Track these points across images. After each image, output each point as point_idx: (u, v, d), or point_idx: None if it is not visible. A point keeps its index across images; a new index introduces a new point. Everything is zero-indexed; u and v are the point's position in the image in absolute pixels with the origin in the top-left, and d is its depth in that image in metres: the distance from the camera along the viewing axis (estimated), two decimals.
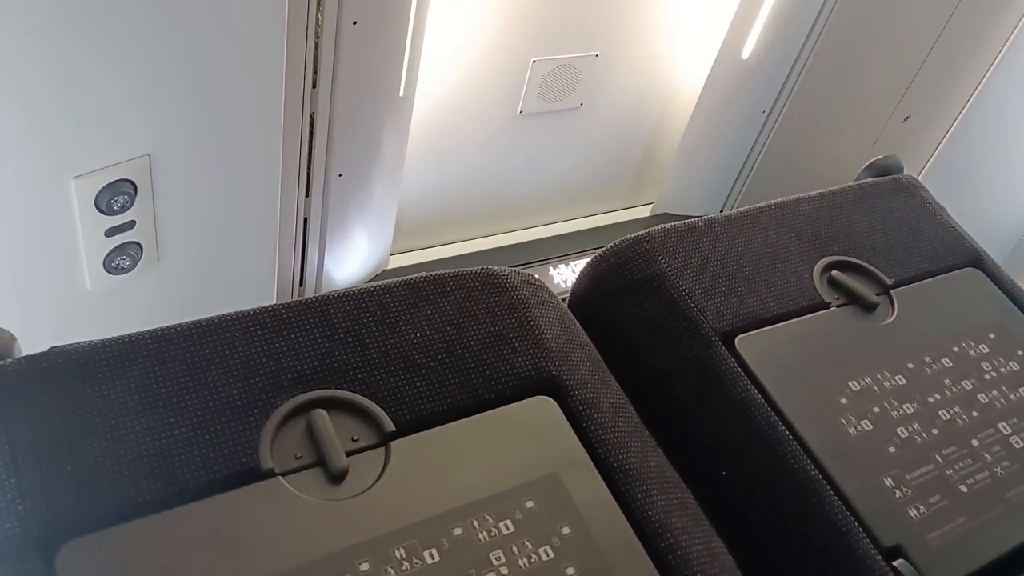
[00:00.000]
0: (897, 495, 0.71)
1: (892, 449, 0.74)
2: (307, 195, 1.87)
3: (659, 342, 0.79)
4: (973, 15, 2.43)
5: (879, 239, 0.93)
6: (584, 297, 0.86)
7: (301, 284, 2.06)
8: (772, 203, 0.92)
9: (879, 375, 0.79)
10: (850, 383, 0.78)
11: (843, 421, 0.75)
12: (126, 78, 1.24)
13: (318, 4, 1.56)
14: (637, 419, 0.73)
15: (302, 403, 0.62)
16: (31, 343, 0.63)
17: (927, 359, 0.83)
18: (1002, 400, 0.82)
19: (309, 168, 1.81)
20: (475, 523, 0.59)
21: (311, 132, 1.75)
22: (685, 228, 0.85)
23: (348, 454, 0.61)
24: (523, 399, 0.68)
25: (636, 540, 0.62)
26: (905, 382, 0.80)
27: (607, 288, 0.84)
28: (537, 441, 0.65)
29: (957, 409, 0.80)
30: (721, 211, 2.54)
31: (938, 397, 0.80)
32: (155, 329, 0.63)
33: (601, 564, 0.59)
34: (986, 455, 0.77)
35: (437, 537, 0.58)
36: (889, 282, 0.88)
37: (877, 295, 0.87)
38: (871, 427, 0.75)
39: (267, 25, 1.38)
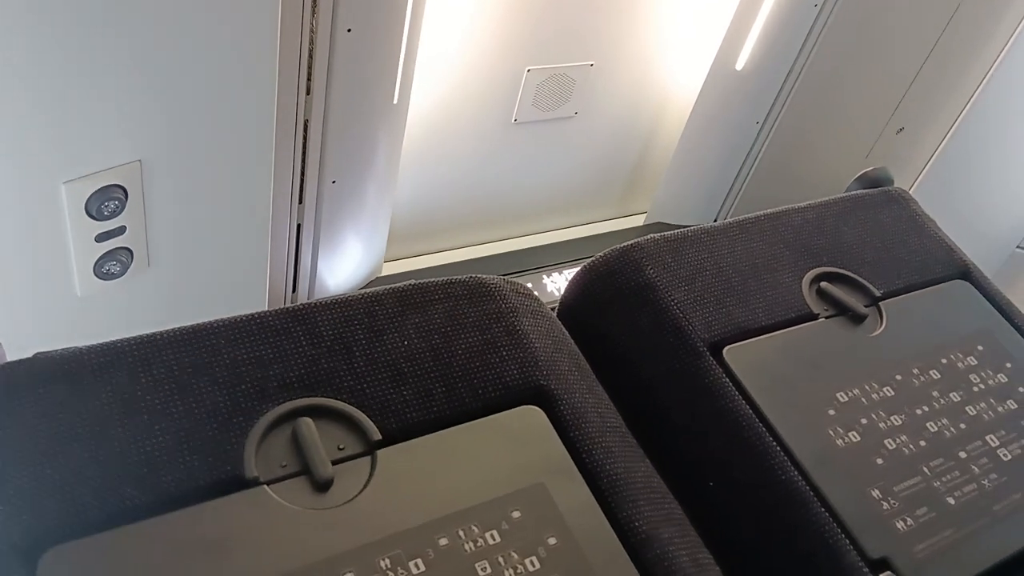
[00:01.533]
0: (884, 507, 0.71)
1: (880, 461, 0.74)
2: (300, 202, 1.87)
3: (647, 352, 0.79)
4: (967, 28, 2.45)
5: (868, 251, 0.93)
6: (573, 306, 0.86)
7: (294, 291, 2.06)
8: (762, 214, 0.92)
9: (867, 386, 0.79)
10: (838, 394, 0.78)
11: (831, 432, 0.75)
12: (117, 83, 1.24)
13: (312, 11, 1.56)
14: (625, 429, 0.73)
15: (288, 411, 0.62)
16: (20, 349, 0.63)
17: (915, 371, 0.83)
18: (990, 412, 0.82)
19: (302, 175, 1.81)
20: (461, 533, 0.59)
21: (304, 139, 1.75)
22: (674, 238, 0.85)
23: (334, 463, 0.60)
24: (510, 408, 0.67)
25: (623, 551, 0.62)
26: (893, 394, 0.80)
27: (596, 297, 0.84)
28: (524, 450, 0.65)
29: (945, 421, 0.80)
30: (715, 221, 2.55)
31: (926, 409, 0.80)
32: (140, 335, 0.63)
33: (587, 575, 0.59)
34: (973, 467, 0.77)
35: (423, 547, 0.58)
36: (878, 294, 0.88)
37: (866, 306, 0.87)
38: (859, 438, 0.75)
39: (261, 31, 1.38)
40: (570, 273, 2.60)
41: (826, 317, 0.85)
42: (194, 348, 0.63)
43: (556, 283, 2.57)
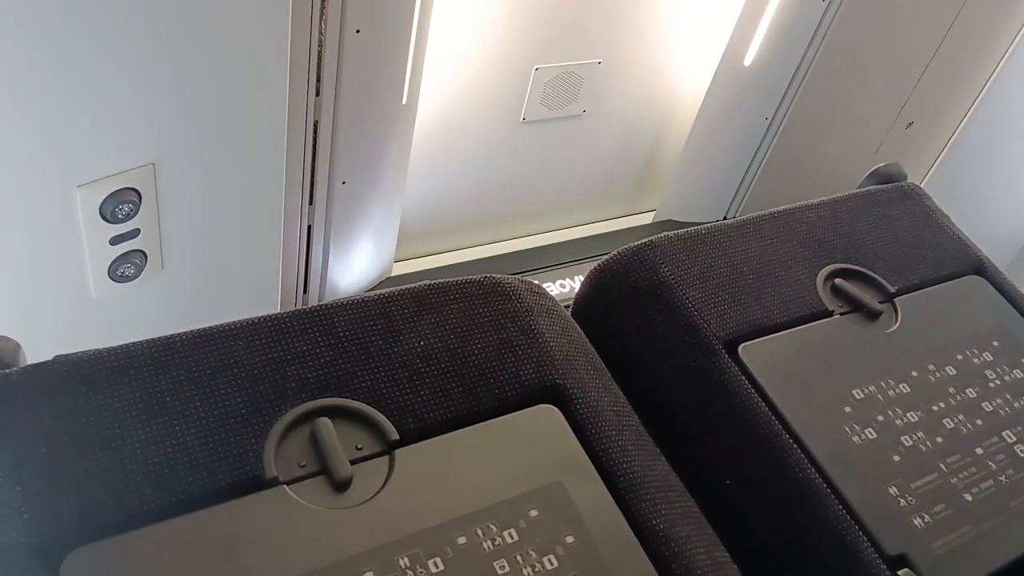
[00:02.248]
0: (901, 504, 0.71)
1: (896, 457, 0.74)
2: (311, 203, 1.87)
3: (662, 350, 0.79)
4: (976, 21, 2.44)
5: (882, 247, 0.93)
6: (587, 305, 0.86)
7: (305, 292, 2.07)
8: (775, 211, 0.92)
9: (883, 383, 0.79)
10: (854, 391, 0.78)
11: (847, 429, 0.75)
12: (130, 87, 1.25)
13: (321, 13, 1.57)
14: (641, 427, 0.73)
15: (306, 412, 0.62)
16: (36, 351, 0.64)
17: (931, 367, 0.83)
18: (1006, 408, 0.82)
19: (313, 176, 1.82)
20: (479, 532, 0.59)
21: (315, 140, 1.76)
22: (688, 236, 0.85)
23: (352, 463, 0.61)
24: (527, 407, 0.68)
25: (640, 549, 0.62)
26: (909, 390, 0.80)
27: (610, 296, 0.84)
28: (541, 450, 0.65)
29: (961, 417, 0.79)
30: (724, 218, 2.54)
31: (942, 405, 0.80)
32: (159, 338, 0.63)
33: (604, 573, 0.59)
34: (990, 463, 0.77)
35: (441, 546, 0.58)
36: (892, 290, 0.88)
37: (881, 303, 0.86)
38: (875, 435, 0.75)
39: (271, 34, 1.38)
40: (580, 271, 2.60)
41: (841, 314, 0.85)
42: (212, 350, 0.63)
43: (566, 282, 2.57)
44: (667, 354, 0.79)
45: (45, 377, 0.59)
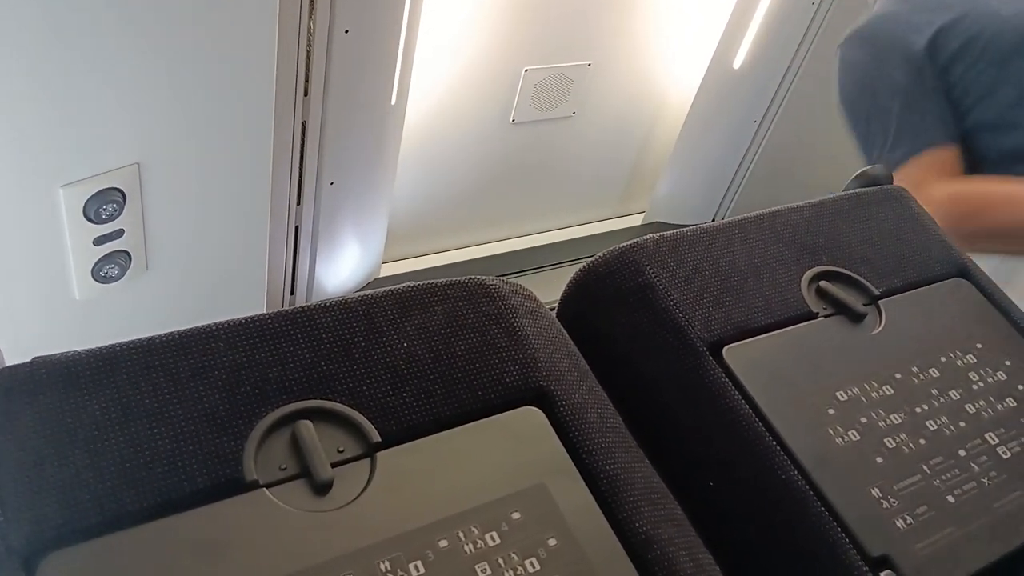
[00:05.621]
0: (884, 505, 0.71)
1: (879, 459, 0.74)
2: (298, 203, 1.87)
3: (647, 352, 0.79)
4: None
5: (867, 249, 0.93)
6: (572, 307, 0.86)
7: (292, 293, 2.06)
8: (760, 213, 0.92)
9: (867, 385, 0.79)
10: (837, 393, 0.78)
11: (830, 431, 0.75)
12: (115, 86, 1.24)
13: (310, 12, 1.56)
14: (624, 429, 0.73)
15: (287, 414, 0.62)
16: (18, 353, 0.63)
17: (915, 369, 0.83)
18: (989, 410, 0.82)
19: (300, 176, 1.82)
20: (461, 535, 0.59)
21: (303, 140, 1.75)
22: (673, 238, 0.85)
23: (333, 465, 0.60)
24: (510, 409, 0.67)
25: (623, 551, 0.62)
26: (892, 392, 0.80)
27: (595, 298, 0.84)
28: (524, 452, 0.65)
29: (944, 419, 0.80)
30: (713, 220, 2.55)
31: (925, 407, 0.80)
32: (139, 339, 0.63)
33: None
34: (973, 465, 0.77)
35: (422, 549, 0.58)
36: (877, 292, 0.88)
37: (865, 305, 0.87)
38: (858, 437, 0.75)
39: (258, 33, 1.38)
40: (569, 273, 2.60)
41: (825, 316, 0.85)
42: (193, 351, 0.63)
43: (554, 283, 2.57)
44: (651, 356, 0.79)
45: (23, 379, 0.58)
